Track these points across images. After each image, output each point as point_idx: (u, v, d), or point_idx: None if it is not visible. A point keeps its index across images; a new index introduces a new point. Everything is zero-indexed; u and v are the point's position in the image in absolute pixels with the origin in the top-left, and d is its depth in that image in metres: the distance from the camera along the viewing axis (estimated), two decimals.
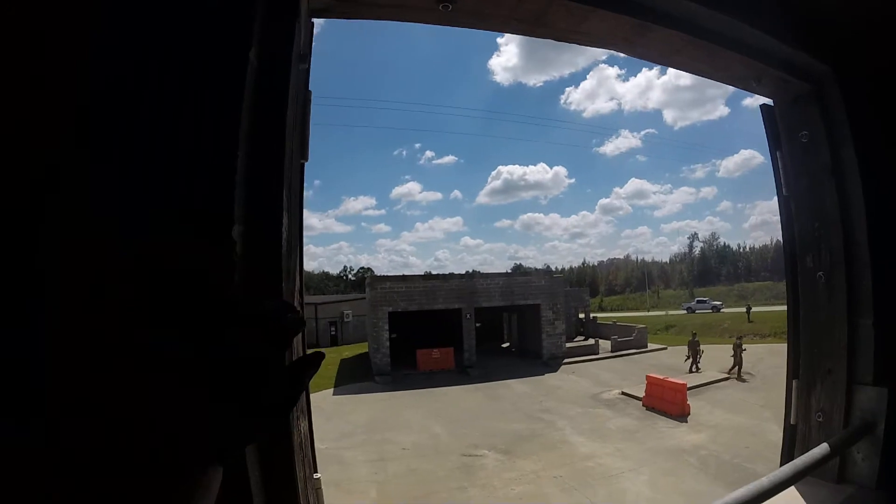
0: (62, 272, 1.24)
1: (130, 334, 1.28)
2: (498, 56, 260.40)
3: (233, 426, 0.89)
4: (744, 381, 33.74)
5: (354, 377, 38.79)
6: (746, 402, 26.79)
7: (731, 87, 3.10)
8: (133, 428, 1.24)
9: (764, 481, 2.19)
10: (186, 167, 1.43)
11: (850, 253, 2.93)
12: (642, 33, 2.56)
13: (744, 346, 36.19)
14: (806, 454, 2.57)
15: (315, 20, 2.19)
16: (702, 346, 38.90)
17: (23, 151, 1.32)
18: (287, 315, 0.90)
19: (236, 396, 0.84)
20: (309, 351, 1.06)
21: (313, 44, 2.16)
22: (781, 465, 2.64)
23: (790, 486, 2.36)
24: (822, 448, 2.59)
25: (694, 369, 37.28)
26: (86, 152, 1.37)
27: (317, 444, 2.26)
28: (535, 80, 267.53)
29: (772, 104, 3.25)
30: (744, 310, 70.93)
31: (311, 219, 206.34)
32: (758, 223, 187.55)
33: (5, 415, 1.16)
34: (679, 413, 25.24)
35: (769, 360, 36.59)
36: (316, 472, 2.20)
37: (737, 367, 35.24)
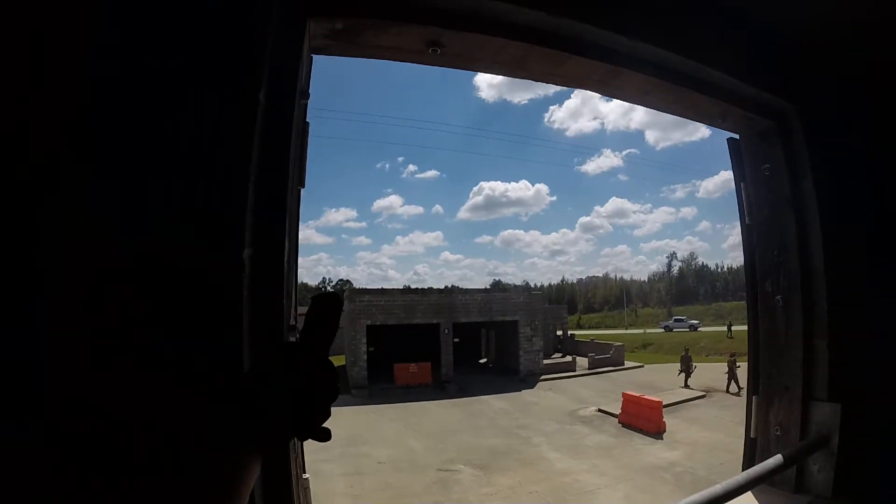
0: (62, 272, 1.39)
1: (130, 334, 1.44)
2: (483, 73, 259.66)
3: (233, 427, 0.92)
4: (738, 396, 34.18)
5: None
6: (722, 420, 26.90)
7: None
8: (133, 428, 1.36)
9: (717, 488, 2.34)
10: (150, 170, 1.50)
11: (808, 278, 3.10)
12: (614, 76, 2.76)
13: (738, 364, 36.65)
14: (760, 464, 2.73)
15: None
16: (693, 362, 39.34)
17: (23, 151, 1.35)
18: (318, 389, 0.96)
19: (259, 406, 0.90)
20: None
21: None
22: None
23: (743, 493, 2.50)
24: (776, 459, 2.75)
25: (687, 383, 37.67)
26: (86, 152, 1.42)
27: None
28: (520, 97, 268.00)
29: (738, 138, 3.43)
30: (721, 328, 71.44)
31: None
32: (736, 243, 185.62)
33: (5, 415, 1.32)
34: (655, 430, 25.29)
35: (746, 378, 36.68)
36: (304, 472, 2.31)
37: (732, 382, 35.76)
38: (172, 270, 1.49)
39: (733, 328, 65.49)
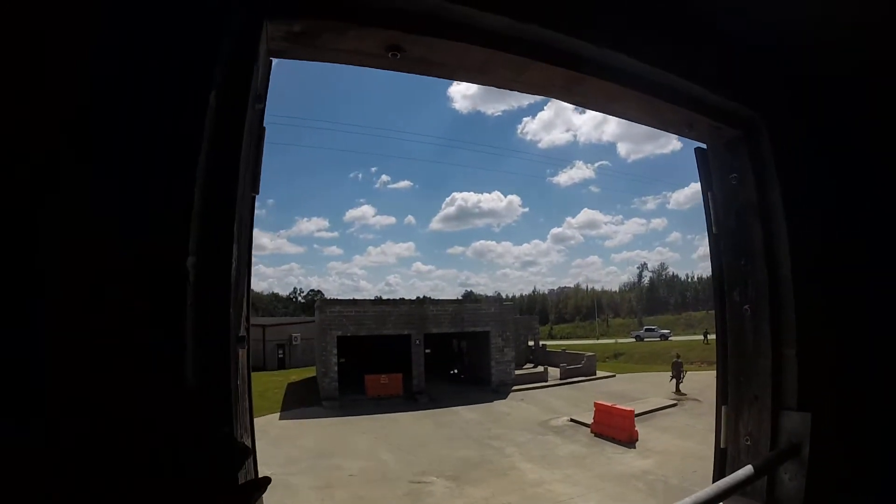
0: (62, 272, 1.37)
1: (130, 334, 1.41)
2: (458, 84, 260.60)
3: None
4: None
5: (302, 401, 38.25)
6: (694, 428, 27.15)
7: None
8: (133, 428, 1.33)
9: (687, 501, 2.31)
10: (142, 203, 1.48)
11: (775, 288, 3.09)
12: (578, 83, 2.74)
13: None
14: (730, 475, 2.70)
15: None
16: (685, 368, 40.23)
17: (23, 151, 1.35)
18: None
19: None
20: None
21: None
22: None
23: None
24: (747, 469, 2.73)
25: (677, 389, 38.46)
26: (86, 152, 1.41)
27: (263, 469, 2.30)
28: (493, 108, 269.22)
29: (705, 147, 3.44)
30: (692, 337, 72.39)
31: (262, 238, 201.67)
32: (706, 254, 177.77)
33: (5, 415, 1.29)
34: (627, 439, 25.47)
35: (701, 391, 37.16)
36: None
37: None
38: (170, 270, 1.49)
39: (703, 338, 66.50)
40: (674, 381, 39.47)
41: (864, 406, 3.14)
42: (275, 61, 2.29)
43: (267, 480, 1.71)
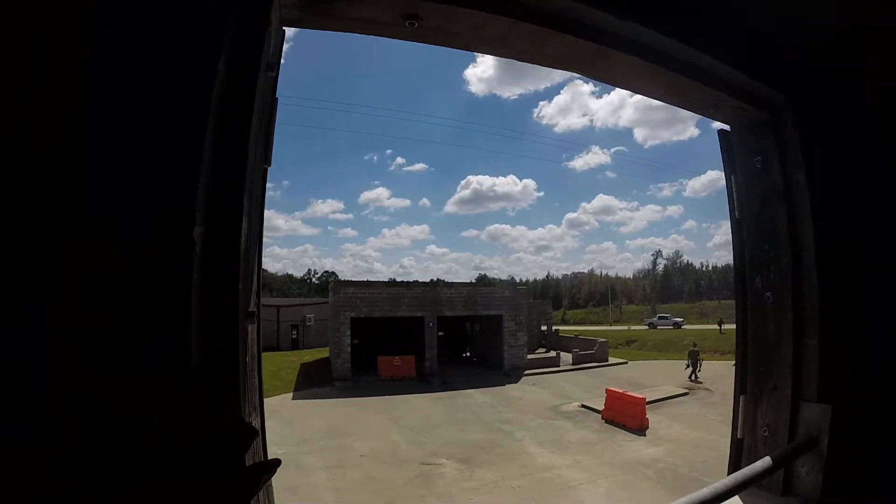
0: (62, 272, 1.34)
1: (130, 334, 1.37)
2: (474, 67, 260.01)
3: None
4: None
5: (315, 382, 38.53)
6: (705, 417, 27.10)
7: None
8: (133, 428, 1.31)
9: (705, 491, 2.25)
10: (150, 170, 1.45)
11: (798, 275, 3.02)
12: (603, 57, 2.66)
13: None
14: (747, 467, 2.65)
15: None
16: (701, 356, 40.48)
17: (23, 151, 1.33)
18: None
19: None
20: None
21: (283, 52, 2.21)
22: None
23: (731, 497, 2.42)
24: (765, 461, 2.67)
25: (694, 378, 38.73)
26: (86, 152, 1.39)
27: (275, 449, 2.27)
28: (509, 92, 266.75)
29: (728, 130, 3.35)
30: (704, 326, 72.30)
31: (276, 220, 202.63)
32: (721, 242, 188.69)
33: (5, 415, 1.26)
34: (638, 426, 25.44)
35: (730, 376, 36.99)
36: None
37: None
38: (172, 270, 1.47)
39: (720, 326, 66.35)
40: (689, 369, 39.67)
41: (887, 400, 3.06)
42: (292, 40, 2.23)
43: (276, 462, 1.68)
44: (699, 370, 39.25)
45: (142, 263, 1.41)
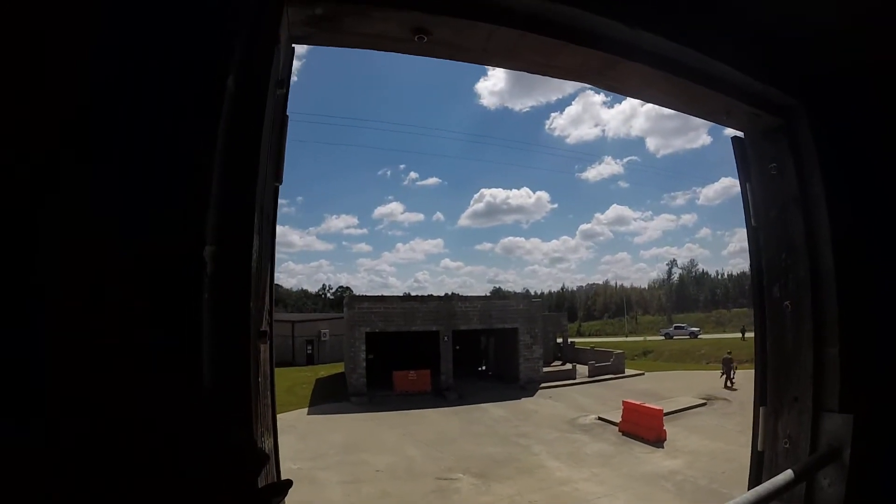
0: (62, 272, 1.33)
1: (130, 334, 1.37)
2: (485, 80, 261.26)
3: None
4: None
5: (330, 397, 38.54)
6: (723, 428, 26.88)
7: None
8: (133, 428, 1.30)
9: None
10: (162, 190, 1.44)
11: (817, 283, 2.98)
12: (613, 67, 2.64)
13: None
14: (769, 481, 2.59)
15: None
16: (735, 363, 40.76)
17: (23, 151, 1.33)
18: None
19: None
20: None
21: (293, 69, 2.22)
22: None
23: None
24: (787, 475, 2.62)
25: (728, 385, 39.22)
26: (86, 152, 1.39)
27: (290, 465, 2.24)
28: (521, 104, 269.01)
29: (742, 136, 3.32)
30: (721, 336, 72.26)
31: (291, 235, 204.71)
32: (736, 250, 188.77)
33: (5, 415, 1.25)
34: (655, 438, 25.27)
35: (747, 386, 36.74)
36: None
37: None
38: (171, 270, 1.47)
39: (729, 336, 66.24)
40: (724, 377, 40.13)
41: None
42: (304, 57, 2.23)
43: (288, 483, 1.68)
44: (733, 377, 39.50)
45: (142, 263, 1.41)
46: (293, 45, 2.22)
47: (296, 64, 2.33)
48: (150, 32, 1.50)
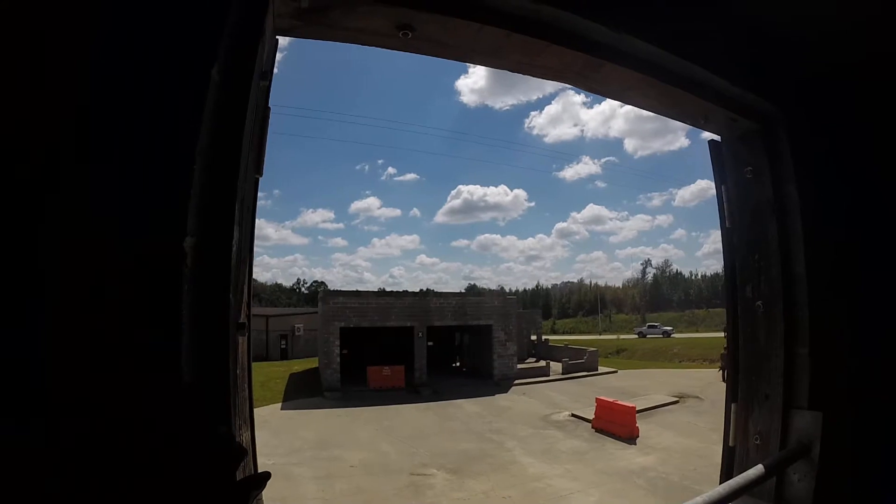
0: (62, 272, 1.35)
1: (130, 334, 1.39)
2: (466, 77, 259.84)
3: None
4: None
5: (304, 392, 38.39)
6: (695, 426, 27.14)
7: None
8: (133, 428, 1.32)
9: (697, 500, 2.26)
10: (143, 179, 1.45)
11: (789, 284, 3.04)
12: (595, 69, 2.68)
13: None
14: (740, 475, 2.66)
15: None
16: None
17: (23, 151, 1.34)
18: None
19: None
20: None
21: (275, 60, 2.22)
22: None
23: None
24: (757, 469, 2.68)
25: (725, 378, 39.41)
26: (86, 152, 1.39)
27: (264, 460, 2.26)
28: (501, 102, 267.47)
29: (719, 140, 3.38)
30: (694, 335, 73.12)
31: (267, 229, 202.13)
32: (710, 251, 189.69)
33: (5, 415, 1.27)
34: (628, 435, 25.46)
35: (718, 384, 37.15)
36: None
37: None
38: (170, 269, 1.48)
39: (703, 336, 66.82)
40: (722, 371, 40.90)
41: (877, 407, 3.09)
42: (286, 49, 2.23)
43: (266, 476, 1.68)
44: None
45: (142, 263, 1.42)
46: (277, 37, 2.22)
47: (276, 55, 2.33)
48: (138, 22, 1.51)
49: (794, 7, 2.81)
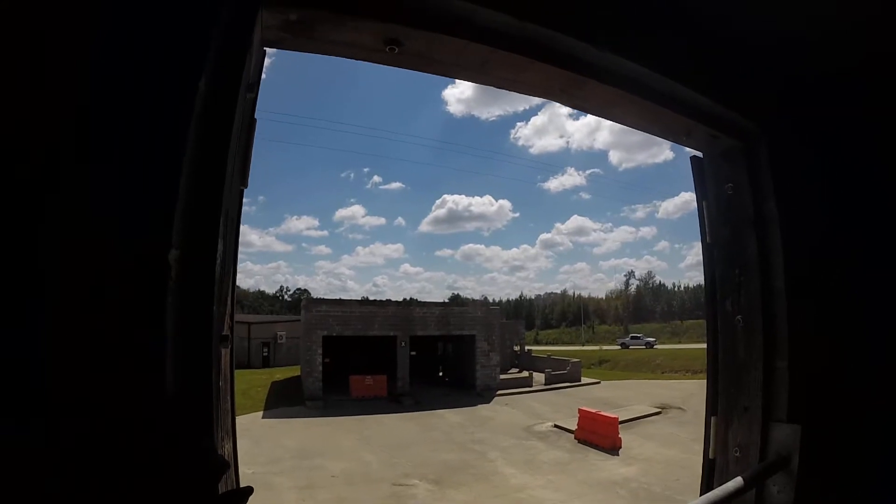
0: (62, 272, 1.36)
1: (130, 334, 1.41)
2: (453, 87, 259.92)
3: None
4: None
5: (285, 401, 38.11)
6: (677, 437, 27.26)
7: None
8: (133, 428, 1.33)
9: None
10: (141, 201, 1.46)
11: (768, 299, 3.07)
12: (579, 86, 2.71)
13: None
14: (720, 487, 2.68)
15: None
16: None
17: (23, 151, 1.34)
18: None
19: None
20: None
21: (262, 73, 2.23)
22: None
23: None
24: (737, 482, 2.70)
25: None
26: (86, 152, 1.40)
27: (244, 469, 2.25)
28: (487, 113, 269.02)
29: (701, 156, 3.42)
30: (677, 346, 73.31)
31: (250, 235, 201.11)
32: (693, 263, 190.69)
33: (5, 415, 1.28)
34: (611, 446, 25.52)
35: (701, 395, 37.20)
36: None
37: None
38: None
39: (688, 347, 66.94)
40: None
41: (855, 420, 3.13)
42: (273, 55, 2.25)
43: (249, 490, 1.68)
44: None
45: (142, 263, 1.42)
46: (264, 49, 2.22)
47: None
48: (128, 32, 1.51)
49: (771, 23, 2.86)
